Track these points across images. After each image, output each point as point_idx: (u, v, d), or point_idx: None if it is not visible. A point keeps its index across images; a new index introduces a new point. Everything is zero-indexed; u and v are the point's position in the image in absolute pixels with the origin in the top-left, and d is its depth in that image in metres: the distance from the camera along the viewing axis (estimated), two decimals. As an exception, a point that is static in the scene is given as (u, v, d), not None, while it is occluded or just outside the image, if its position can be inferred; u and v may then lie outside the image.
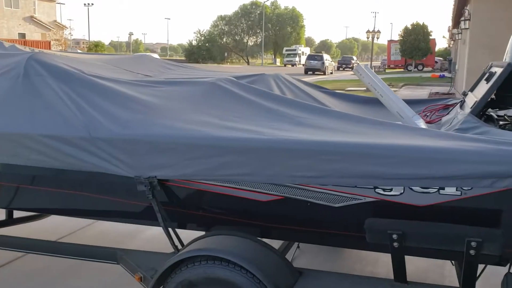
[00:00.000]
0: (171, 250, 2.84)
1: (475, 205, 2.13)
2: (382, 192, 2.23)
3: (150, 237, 4.57)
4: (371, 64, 28.79)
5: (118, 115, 2.67)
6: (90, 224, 4.93)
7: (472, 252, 2.12)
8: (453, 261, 3.04)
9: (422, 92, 20.58)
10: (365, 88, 20.74)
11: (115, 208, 2.90)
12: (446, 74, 31.64)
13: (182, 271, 2.44)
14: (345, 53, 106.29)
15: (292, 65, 62.07)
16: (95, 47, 52.16)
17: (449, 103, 4.16)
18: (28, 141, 2.74)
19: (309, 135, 2.36)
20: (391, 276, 2.46)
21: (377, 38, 33.13)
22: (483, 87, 3.08)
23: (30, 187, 3.01)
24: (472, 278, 2.26)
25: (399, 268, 2.36)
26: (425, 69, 45.84)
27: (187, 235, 2.91)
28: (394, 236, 2.21)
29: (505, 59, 3.09)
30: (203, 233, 2.89)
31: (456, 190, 2.13)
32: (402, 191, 2.20)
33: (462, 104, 3.46)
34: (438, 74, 33.85)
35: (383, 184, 2.19)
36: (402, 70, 46.03)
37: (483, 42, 11.73)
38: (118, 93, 2.85)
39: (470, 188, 2.10)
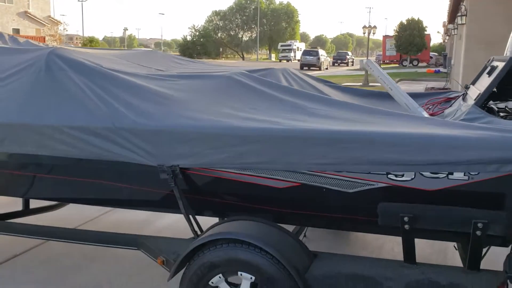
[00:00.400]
0: (185, 237, 2.98)
1: (482, 189, 2.29)
2: (394, 177, 2.39)
3: (161, 227, 4.71)
4: (366, 58, 28.89)
5: (141, 107, 2.81)
6: (100, 215, 5.07)
7: (478, 233, 2.29)
8: (456, 246, 3.20)
9: (418, 87, 20.76)
10: (361, 83, 20.91)
11: (135, 196, 3.04)
12: (441, 69, 31.89)
13: (205, 253, 2.59)
14: (340, 49, 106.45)
15: (287, 61, 62.14)
16: (89, 42, 51.93)
17: (450, 96, 4.32)
18: (54, 133, 2.87)
19: (324, 125, 2.51)
20: None
21: (373, 33, 33.36)
22: (485, 80, 3.24)
23: (53, 176, 3.15)
24: (477, 258, 2.42)
25: (409, 250, 2.51)
26: (420, 64, 46.11)
27: (202, 222, 3.05)
28: (406, 219, 2.37)
29: (506, 53, 3.25)
30: (217, 220, 3.05)
31: (464, 175, 2.28)
32: (413, 177, 2.36)
33: (464, 96, 3.62)
34: (433, 69, 34.10)
35: (395, 170, 2.34)
36: (397, 65, 46.26)
37: (479, 37, 11.92)
38: (138, 86, 2.98)
39: (477, 173, 2.25)
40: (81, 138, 2.82)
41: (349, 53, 63.78)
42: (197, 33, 73.94)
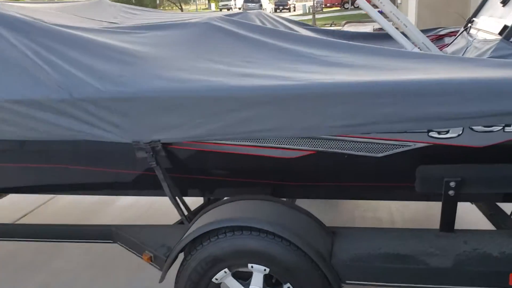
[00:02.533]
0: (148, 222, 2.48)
1: None
2: (436, 135, 1.94)
3: (119, 210, 4.10)
4: (314, 3, 28.07)
5: (103, 69, 2.19)
6: (46, 202, 4.36)
7: None
8: (475, 204, 2.84)
9: (365, 29, 20.49)
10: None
11: (105, 179, 2.47)
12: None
13: (204, 246, 2.09)
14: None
15: (228, 9, 60.30)
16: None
17: (440, 33, 3.92)
18: None
19: (348, 76, 1.99)
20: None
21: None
22: (500, 11, 2.82)
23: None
24: None
25: (449, 217, 2.11)
26: (361, 5, 45.89)
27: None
28: (452, 184, 1.95)
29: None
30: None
31: None
32: (460, 132, 1.92)
33: (468, 31, 3.20)
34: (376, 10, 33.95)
35: (441, 126, 1.88)
36: (338, 8, 45.85)
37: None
38: (95, 43, 2.34)
39: None
40: (27, 115, 2.19)
41: (290, -2, 62.61)
42: (131, -14, 70.18)
